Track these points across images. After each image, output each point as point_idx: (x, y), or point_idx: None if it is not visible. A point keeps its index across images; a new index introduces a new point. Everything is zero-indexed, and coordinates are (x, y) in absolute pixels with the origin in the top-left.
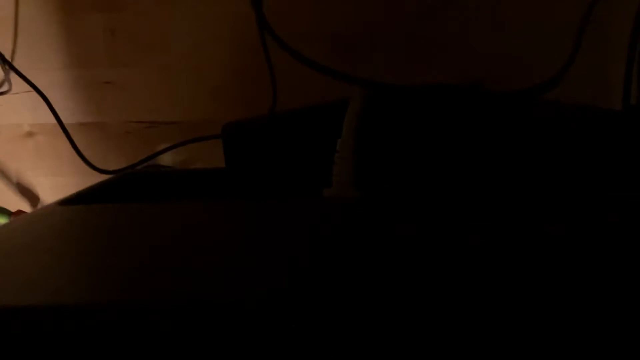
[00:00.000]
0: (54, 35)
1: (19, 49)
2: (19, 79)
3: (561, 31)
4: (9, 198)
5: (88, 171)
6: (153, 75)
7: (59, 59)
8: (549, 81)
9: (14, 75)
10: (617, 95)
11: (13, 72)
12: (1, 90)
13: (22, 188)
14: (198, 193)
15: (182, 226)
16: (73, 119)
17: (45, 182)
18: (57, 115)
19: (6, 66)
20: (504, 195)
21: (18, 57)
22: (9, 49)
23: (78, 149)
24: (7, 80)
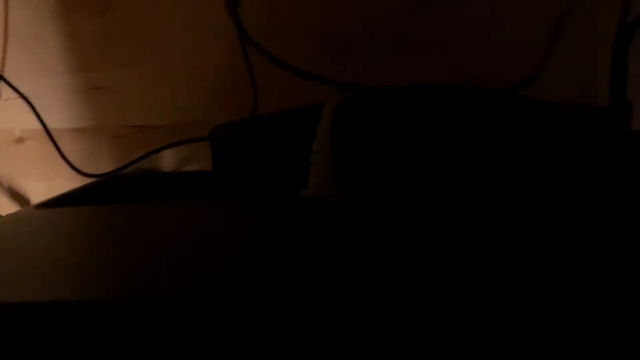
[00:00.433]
0: (44, 40)
1: (9, 55)
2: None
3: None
4: (0, 203)
5: (79, 176)
6: (143, 79)
7: (50, 64)
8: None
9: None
10: (595, 91)
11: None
12: None
13: (14, 193)
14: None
15: (160, 227)
16: (64, 124)
17: (36, 187)
18: (42, 120)
19: None
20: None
21: (8, 63)
22: None
23: (62, 153)
24: None
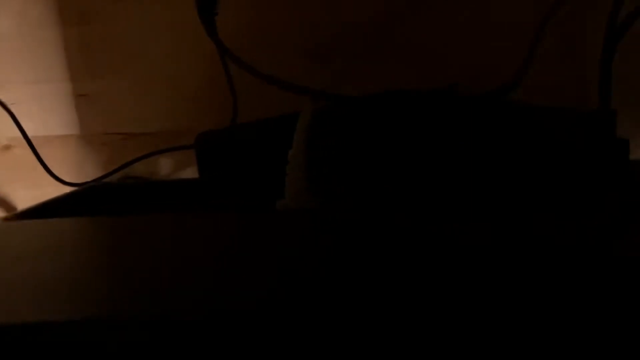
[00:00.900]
0: (30, 49)
1: None
2: None
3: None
4: None
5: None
6: (128, 87)
7: (35, 73)
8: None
9: None
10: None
11: None
12: None
13: (0, 201)
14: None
15: (135, 242)
16: (49, 132)
17: (23, 195)
18: (22, 128)
19: None
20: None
21: None
22: None
23: (43, 161)
24: None
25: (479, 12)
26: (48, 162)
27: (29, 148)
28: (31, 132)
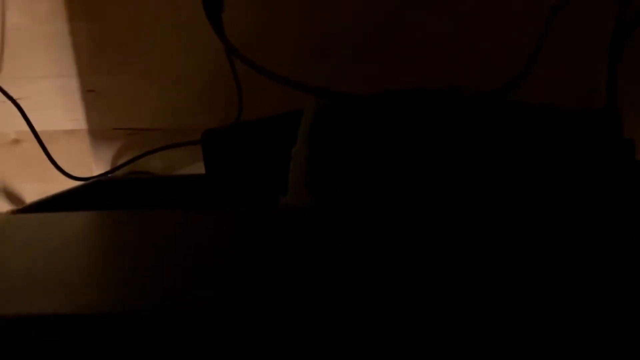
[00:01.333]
0: (39, 44)
1: (5, 58)
2: (5, 87)
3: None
4: None
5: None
6: (135, 82)
7: (44, 67)
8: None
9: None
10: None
11: None
12: None
13: (9, 194)
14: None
15: (141, 237)
16: (57, 127)
17: (31, 189)
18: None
19: None
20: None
21: (3, 66)
22: None
23: (51, 156)
24: None
25: (480, 12)
26: (56, 157)
27: (37, 142)
28: (39, 127)
